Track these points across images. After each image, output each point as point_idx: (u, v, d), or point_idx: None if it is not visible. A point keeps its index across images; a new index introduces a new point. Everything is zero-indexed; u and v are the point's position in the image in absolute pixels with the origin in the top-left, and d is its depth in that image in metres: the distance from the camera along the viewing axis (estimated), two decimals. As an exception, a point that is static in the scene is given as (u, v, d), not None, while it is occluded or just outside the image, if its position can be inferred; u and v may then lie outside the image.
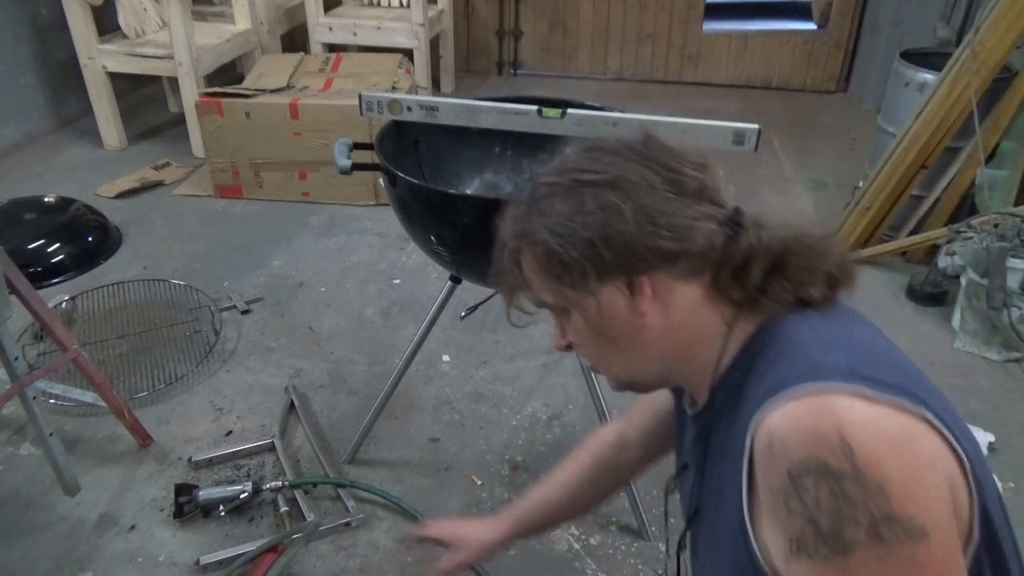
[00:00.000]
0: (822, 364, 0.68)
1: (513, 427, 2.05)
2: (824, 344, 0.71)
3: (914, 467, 0.63)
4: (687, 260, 0.76)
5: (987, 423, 2.07)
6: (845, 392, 0.65)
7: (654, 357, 0.82)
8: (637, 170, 0.77)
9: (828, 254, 0.77)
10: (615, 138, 0.82)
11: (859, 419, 0.64)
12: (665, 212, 0.75)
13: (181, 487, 1.76)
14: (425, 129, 1.67)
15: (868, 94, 4.41)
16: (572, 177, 0.79)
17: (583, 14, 4.70)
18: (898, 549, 0.62)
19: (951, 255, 2.42)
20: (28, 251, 2.66)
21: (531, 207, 0.80)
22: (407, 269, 2.77)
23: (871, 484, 0.62)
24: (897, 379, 0.67)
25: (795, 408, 0.66)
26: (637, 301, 0.78)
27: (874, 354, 0.72)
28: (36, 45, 3.66)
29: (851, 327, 0.76)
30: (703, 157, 0.81)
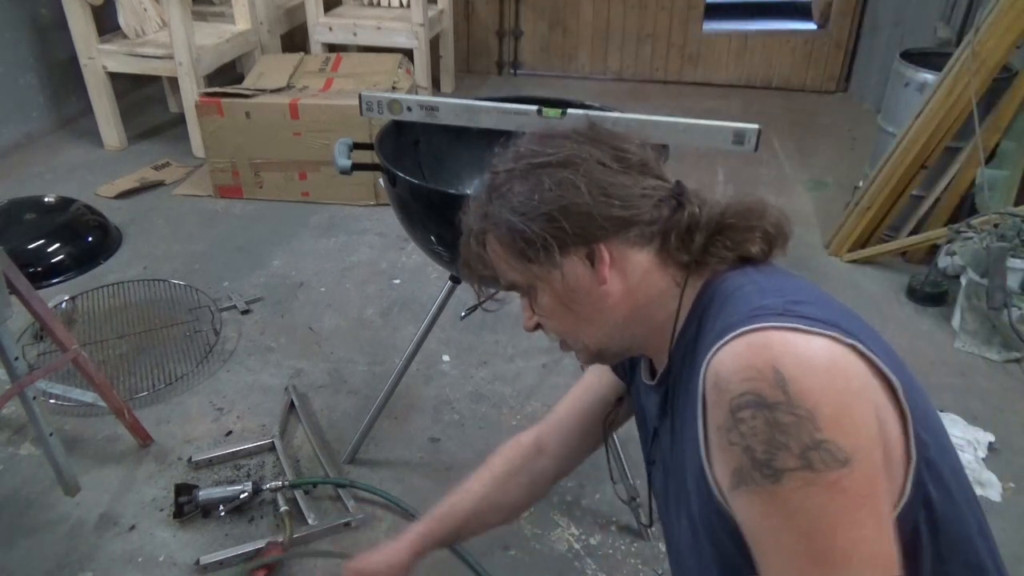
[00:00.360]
0: (760, 306, 0.73)
1: (513, 427, 2.05)
2: (762, 290, 0.77)
3: (844, 395, 0.67)
4: (638, 227, 0.83)
5: (987, 423, 2.07)
6: (780, 328, 0.69)
7: (618, 323, 0.87)
8: (587, 149, 0.84)
9: (763, 215, 0.84)
10: (559, 127, 0.89)
11: (792, 352, 0.68)
12: (616, 184, 0.82)
13: (181, 487, 1.76)
14: (425, 129, 1.67)
15: (868, 94, 4.41)
16: (527, 161, 0.85)
17: (583, 14, 4.70)
18: (825, 474, 0.65)
19: (951, 255, 2.42)
20: (28, 251, 2.66)
21: (491, 193, 0.87)
22: (407, 269, 2.77)
23: (803, 412, 0.66)
24: (830, 316, 0.72)
25: (735, 347, 0.70)
26: (598, 268, 0.84)
27: (808, 296, 0.76)
28: (36, 45, 3.66)
29: (787, 277, 0.82)
30: (644, 139, 0.89)
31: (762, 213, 0.85)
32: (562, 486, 1.87)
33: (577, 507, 1.81)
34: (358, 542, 1.71)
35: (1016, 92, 2.52)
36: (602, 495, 1.84)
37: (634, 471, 1.78)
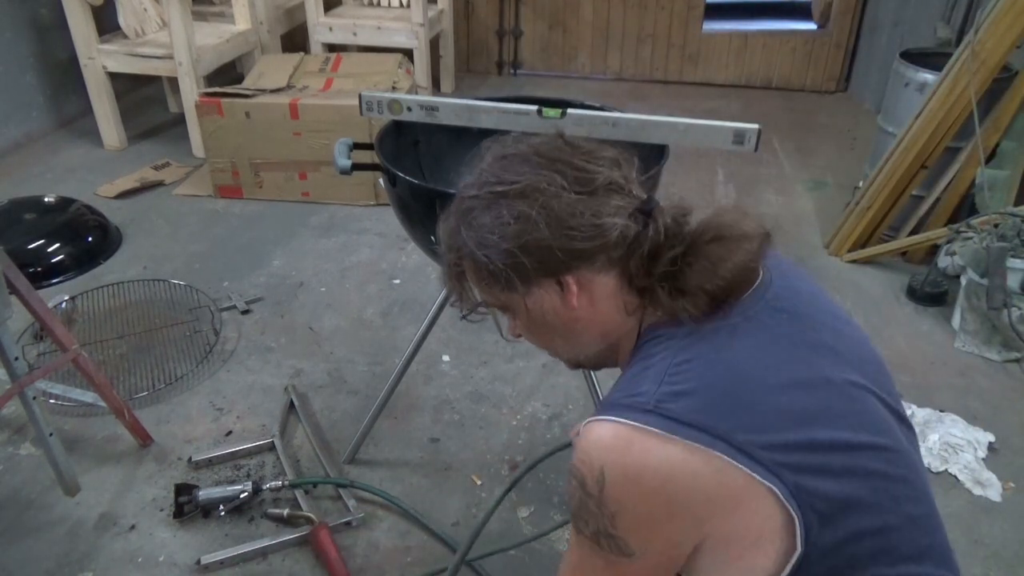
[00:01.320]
0: (637, 392, 0.77)
1: (513, 427, 2.05)
2: (658, 370, 0.79)
3: (652, 513, 0.75)
4: (604, 255, 0.83)
5: (987, 423, 2.07)
6: (634, 428, 0.74)
7: (592, 340, 0.93)
8: (546, 176, 0.83)
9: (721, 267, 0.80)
10: (526, 142, 0.89)
11: (623, 460, 0.74)
12: (575, 213, 0.81)
13: (181, 487, 1.76)
14: (425, 129, 1.67)
15: (868, 94, 4.41)
16: (488, 189, 0.85)
17: (583, 14, 4.70)
18: (605, 555, 0.78)
19: (951, 255, 2.42)
20: (28, 251, 2.66)
21: (459, 221, 0.88)
22: (407, 269, 2.77)
23: (606, 511, 0.76)
24: (706, 413, 0.74)
25: (589, 429, 0.78)
26: (566, 297, 0.85)
27: (704, 381, 0.77)
28: (36, 45, 3.66)
29: (712, 345, 0.80)
30: (616, 152, 0.88)
31: (729, 254, 0.81)
32: (562, 486, 1.87)
33: (577, 507, 1.81)
34: (358, 542, 1.71)
35: (1016, 92, 2.52)
36: (602, 495, 1.84)
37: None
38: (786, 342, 0.82)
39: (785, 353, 0.81)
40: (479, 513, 1.79)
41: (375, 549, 1.70)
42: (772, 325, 0.83)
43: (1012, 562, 1.70)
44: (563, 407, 2.12)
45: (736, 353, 0.79)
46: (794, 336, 0.83)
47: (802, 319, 0.85)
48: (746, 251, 0.82)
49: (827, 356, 0.83)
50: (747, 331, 0.81)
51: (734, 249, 0.81)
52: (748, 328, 0.81)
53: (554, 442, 2.00)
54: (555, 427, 2.06)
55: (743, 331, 0.81)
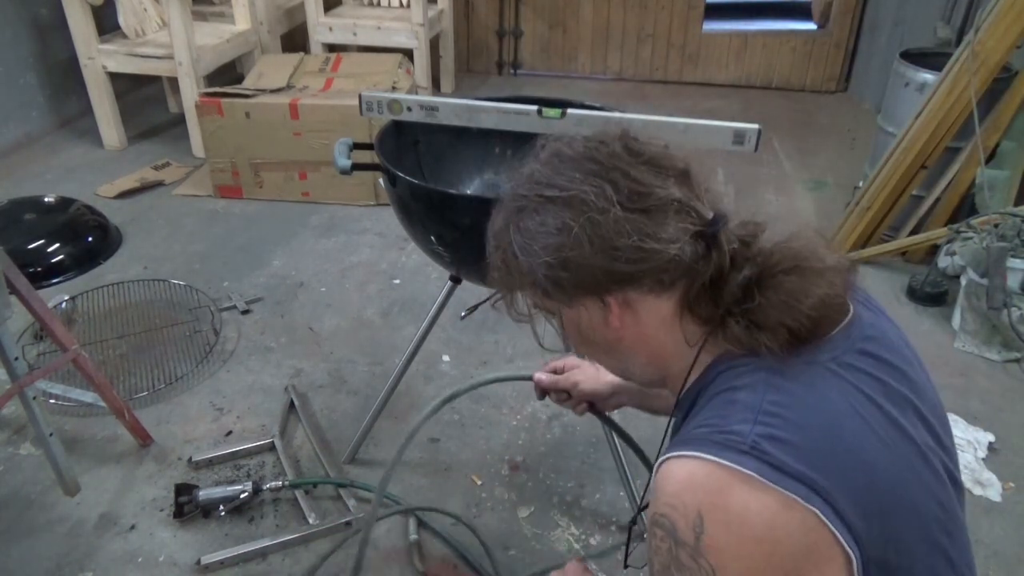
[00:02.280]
0: (731, 431, 0.69)
1: (513, 427, 2.05)
2: (748, 406, 0.71)
3: (754, 566, 0.66)
4: (650, 279, 0.76)
5: (987, 423, 2.07)
6: (733, 471, 0.66)
7: (638, 362, 0.86)
8: (597, 186, 0.75)
9: (807, 296, 0.73)
10: (584, 140, 0.81)
11: (725, 505, 0.66)
12: (622, 232, 0.74)
13: (181, 487, 1.76)
14: (425, 129, 1.67)
15: (868, 94, 4.41)
16: (537, 192, 0.79)
17: (583, 14, 4.70)
18: None
19: (951, 255, 2.42)
20: (28, 251, 2.66)
21: (507, 220, 0.82)
22: (407, 269, 2.77)
23: (704, 564, 0.66)
24: (805, 463, 0.67)
25: (680, 469, 0.69)
26: (608, 316, 0.80)
27: (800, 426, 0.69)
28: (36, 45, 3.66)
29: (803, 387, 0.73)
30: (685, 161, 0.80)
31: (810, 287, 0.73)
32: (562, 486, 1.87)
33: (577, 507, 1.81)
34: (359, 542, 1.71)
35: (1016, 92, 2.52)
36: (602, 495, 1.84)
37: (633, 470, 1.78)
38: (873, 393, 0.75)
39: (872, 406, 0.74)
40: (480, 513, 1.79)
41: (375, 549, 1.70)
42: (860, 370, 0.76)
43: (1012, 562, 1.70)
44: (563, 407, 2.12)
45: (828, 401, 0.72)
46: (881, 387, 0.76)
47: (887, 366, 0.78)
48: (829, 284, 0.75)
49: (909, 412, 0.77)
50: (836, 376, 0.74)
51: (815, 282, 0.74)
52: (837, 372, 0.74)
53: (553, 442, 2.01)
54: (555, 427, 2.06)
55: (831, 375, 0.74)
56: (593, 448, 1.98)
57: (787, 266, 0.74)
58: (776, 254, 0.75)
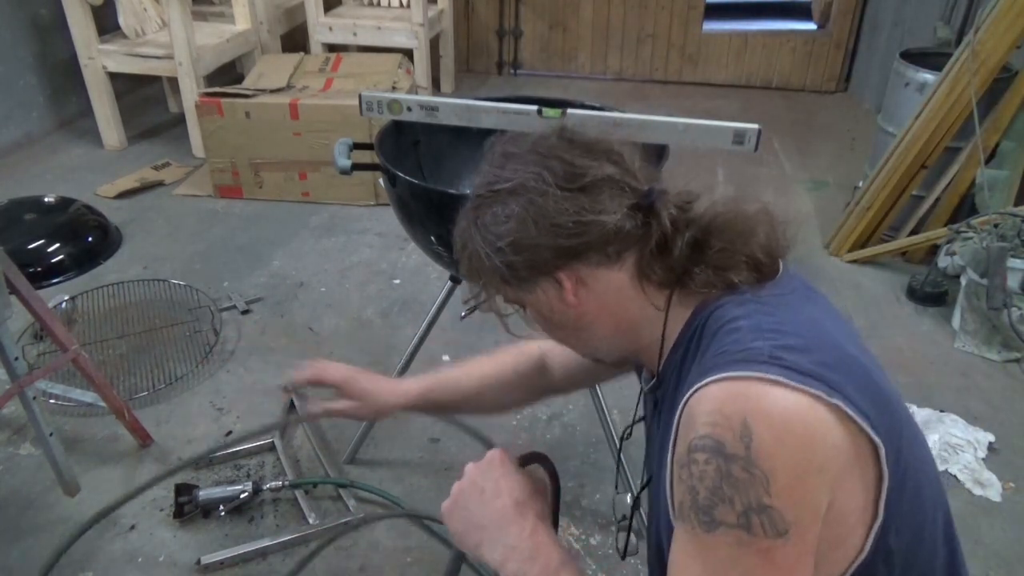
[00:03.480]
0: (747, 348, 0.71)
1: (513, 427, 2.05)
2: (755, 327, 0.74)
3: (804, 466, 0.66)
4: (596, 252, 0.81)
5: (987, 423, 2.07)
6: (762, 379, 0.67)
7: (604, 336, 0.88)
8: (537, 172, 0.81)
9: (751, 234, 0.80)
10: (528, 138, 0.86)
11: (766, 408, 0.66)
12: (563, 211, 0.79)
13: (181, 487, 1.76)
14: (425, 129, 1.67)
15: (868, 94, 4.41)
16: (488, 188, 0.84)
17: (583, 14, 4.70)
18: (759, 540, 0.65)
19: (951, 255, 2.42)
20: (28, 251, 2.66)
21: (468, 220, 0.87)
22: (407, 269, 2.77)
23: (758, 472, 0.65)
24: (819, 365, 0.69)
25: (712, 391, 0.69)
26: (564, 294, 0.83)
27: (802, 337, 0.73)
28: (36, 45, 3.66)
29: (787, 307, 0.78)
30: (613, 144, 0.85)
31: (751, 231, 0.80)
32: (562, 486, 1.86)
33: (577, 507, 1.81)
34: (358, 542, 1.71)
35: (1016, 92, 2.52)
36: (602, 495, 1.84)
37: (633, 470, 1.78)
38: (832, 312, 0.82)
39: (835, 321, 0.80)
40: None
41: (375, 549, 1.70)
42: (812, 297, 0.82)
43: (1012, 562, 1.70)
44: (563, 407, 2.12)
45: (812, 318, 0.77)
46: (831, 308, 0.83)
47: (822, 296, 0.86)
48: (766, 224, 0.81)
49: (853, 333, 0.83)
50: (802, 301, 0.80)
51: (755, 221, 0.81)
52: (801, 299, 0.80)
53: (553, 442, 2.01)
54: (555, 427, 2.06)
55: (799, 300, 0.80)
56: (593, 448, 1.98)
57: (727, 216, 0.81)
58: (711, 211, 0.82)
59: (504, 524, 0.86)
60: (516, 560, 0.82)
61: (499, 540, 0.85)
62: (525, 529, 0.84)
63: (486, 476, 0.91)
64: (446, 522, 0.92)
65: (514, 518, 0.85)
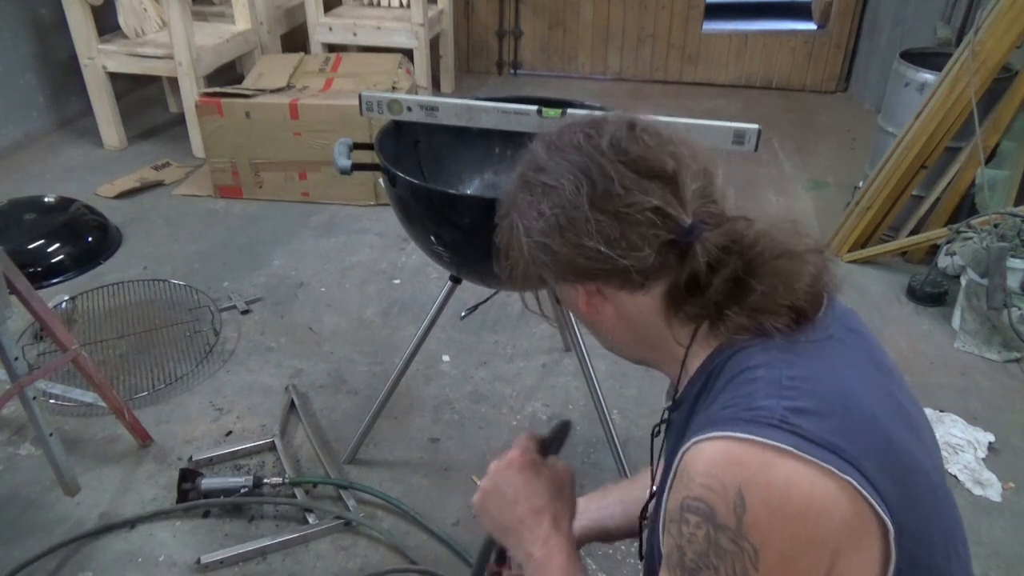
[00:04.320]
0: (758, 407, 0.67)
1: (513, 427, 2.05)
2: (772, 382, 0.70)
3: (799, 543, 0.63)
4: (618, 279, 0.77)
5: (987, 423, 2.07)
6: (766, 446, 0.64)
7: (622, 342, 0.86)
8: (574, 181, 0.76)
9: (797, 282, 0.74)
10: (587, 125, 0.81)
11: (765, 481, 0.63)
12: (589, 233, 0.75)
13: (186, 472, 1.77)
14: (425, 129, 1.67)
15: (868, 94, 4.41)
16: (533, 175, 0.80)
17: (583, 14, 4.70)
18: None
19: (951, 255, 2.42)
20: (28, 251, 2.66)
21: (512, 191, 0.83)
22: (407, 269, 2.77)
23: (747, 547, 0.63)
24: (834, 433, 0.66)
25: (712, 450, 0.66)
26: (578, 300, 0.82)
27: (823, 397, 0.69)
28: (36, 45, 3.66)
29: (816, 357, 0.73)
30: (675, 160, 0.76)
31: (797, 274, 0.74)
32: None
33: (577, 507, 1.81)
34: (358, 542, 1.71)
35: (1016, 92, 2.52)
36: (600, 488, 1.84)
37: (633, 470, 1.78)
38: (866, 362, 0.77)
39: (868, 374, 0.76)
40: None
41: (375, 549, 1.70)
42: (850, 343, 0.78)
43: (1012, 562, 1.70)
44: (563, 407, 2.13)
45: (838, 372, 0.73)
46: (868, 355, 0.79)
47: (865, 338, 0.81)
48: (814, 264, 0.76)
49: (892, 379, 0.79)
50: (836, 349, 0.75)
51: (803, 263, 0.75)
52: (835, 347, 0.76)
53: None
54: (555, 427, 2.06)
55: (832, 348, 0.75)
56: (593, 448, 1.98)
57: (776, 252, 0.75)
58: (760, 243, 0.75)
59: (522, 530, 0.87)
60: (531, 567, 0.85)
61: (519, 545, 0.88)
62: (539, 537, 0.86)
63: (507, 480, 0.90)
64: (478, 517, 0.93)
65: (531, 525, 0.87)
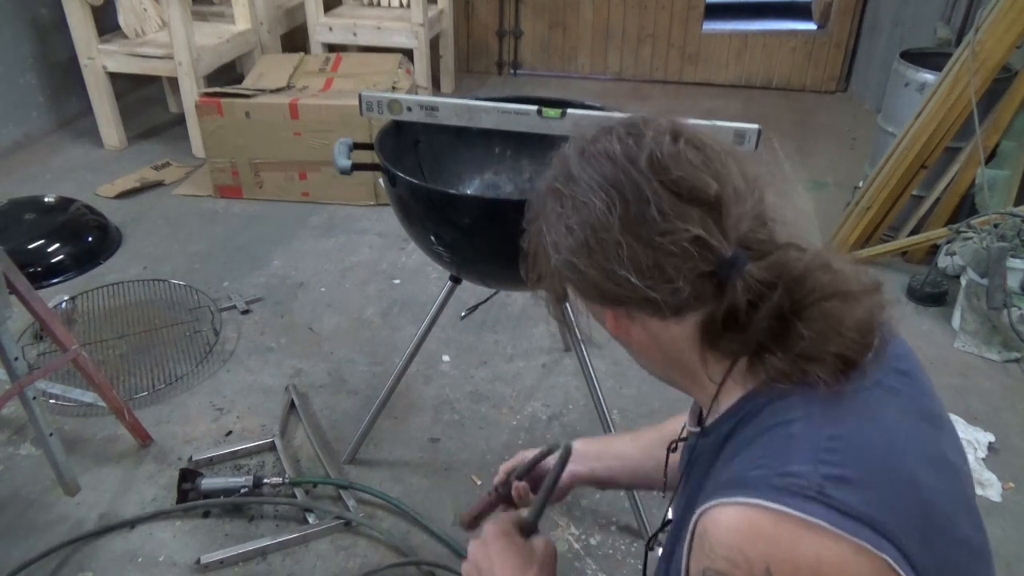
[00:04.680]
0: (791, 472, 0.62)
1: (513, 427, 2.05)
2: (807, 442, 0.64)
3: None
4: (647, 308, 0.71)
5: (987, 423, 2.07)
6: (799, 520, 0.60)
7: (654, 363, 0.81)
8: (607, 198, 0.69)
9: (848, 328, 0.67)
10: (625, 134, 0.73)
11: (794, 559, 0.59)
12: (618, 258, 0.69)
13: (186, 472, 1.77)
14: (425, 129, 1.67)
15: (868, 94, 4.41)
16: (564, 184, 0.74)
17: (583, 14, 4.70)
18: None
19: (951, 255, 2.42)
20: (28, 251, 2.66)
21: (543, 193, 0.77)
22: (407, 269, 2.77)
23: None
24: (874, 505, 0.61)
25: (739, 516, 0.62)
26: (605, 319, 0.77)
27: (863, 463, 0.64)
28: (36, 45, 3.66)
29: (861, 412, 0.67)
30: (719, 181, 0.69)
31: (849, 319, 0.68)
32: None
33: (577, 507, 1.81)
34: (358, 542, 1.71)
35: (1016, 92, 2.52)
36: (602, 495, 1.84)
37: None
38: (914, 413, 0.71)
39: (916, 428, 0.70)
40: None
41: (375, 549, 1.70)
42: (900, 391, 0.72)
43: (1012, 562, 1.70)
44: (563, 407, 2.13)
45: (884, 429, 0.67)
46: (917, 405, 0.73)
47: (917, 382, 0.75)
48: (867, 308, 0.70)
49: (941, 428, 0.73)
50: (882, 400, 0.70)
51: (855, 305, 0.69)
52: (883, 396, 0.70)
53: (553, 442, 2.00)
54: (555, 427, 2.06)
55: (879, 400, 0.69)
56: (593, 448, 1.98)
57: (827, 291, 0.68)
58: (809, 279, 0.68)
59: None
60: None
61: None
62: None
63: (484, 555, 0.87)
64: None
65: None
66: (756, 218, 0.70)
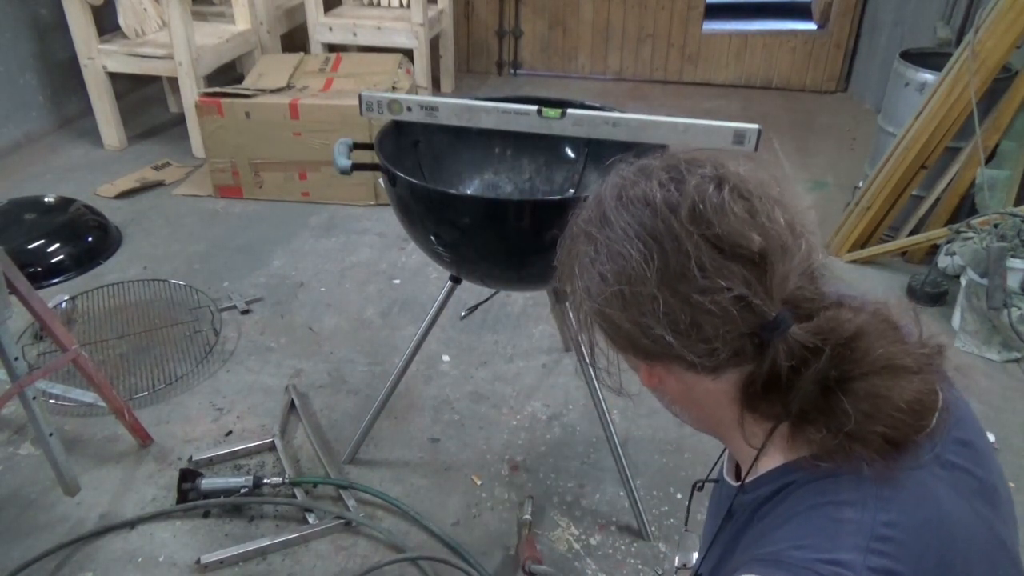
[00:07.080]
0: (836, 562, 0.58)
1: (513, 427, 2.05)
2: (858, 528, 0.60)
3: None
4: (681, 362, 0.67)
5: (987, 423, 2.07)
6: None
7: (689, 415, 0.77)
8: (644, 250, 0.64)
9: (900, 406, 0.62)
10: (666, 179, 0.68)
11: None
12: (653, 313, 0.65)
13: (186, 472, 1.77)
14: (425, 129, 1.67)
15: (868, 94, 4.41)
16: (598, 231, 0.69)
17: (583, 14, 4.70)
18: None
19: (951, 255, 2.42)
20: (28, 251, 2.66)
21: (572, 240, 0.73)
22: (407, 269, 2.77)
23: None
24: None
25: None
26: (639, 369, 0.73)
27: (914, 555, 0.60)
28: (36, 45, 3.66)
29: (911, 497, 0.63)
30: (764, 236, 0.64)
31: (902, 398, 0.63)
32: (562, 486, 1.87)
33: (577, 507, 1.81)
34: (358, 542, 1.71)
35: (1016, 92, 2.52)
36: (602, 495, 1.84)
37: (633, 470, 1.78)
38: (972, 492, 0.67)
39: (973, 512, 0.66)
40: (480, 513, 1.79)
41: (375, 549, 1.70)
42: (958, 467, 0.67)
43: (1012, 562, 1.69)
44: (563, 407, 2.13)
45: (939, 515, 0.63)
46: (976, 481, 0.68)
47: (977, 451, 0.70)
48: (923, 380, 0.65)
49: (997, 505, 0.69)
50: (939, 477, 0.65)
51: (909, 379, 0.64)
52: (939, 473, 0.65)
53: (553, 442, 2.01)
54: (555, 427, 2.06)
55: (935, 477, 0.65)
56: (593, 448, 1.98)
57: (877, 363, 0.63)
58: (858, 347, 0.63)
59: None
60: None
61: None
62: None
63: None
64: None
65: None
66: (803, 274, 0.66)
